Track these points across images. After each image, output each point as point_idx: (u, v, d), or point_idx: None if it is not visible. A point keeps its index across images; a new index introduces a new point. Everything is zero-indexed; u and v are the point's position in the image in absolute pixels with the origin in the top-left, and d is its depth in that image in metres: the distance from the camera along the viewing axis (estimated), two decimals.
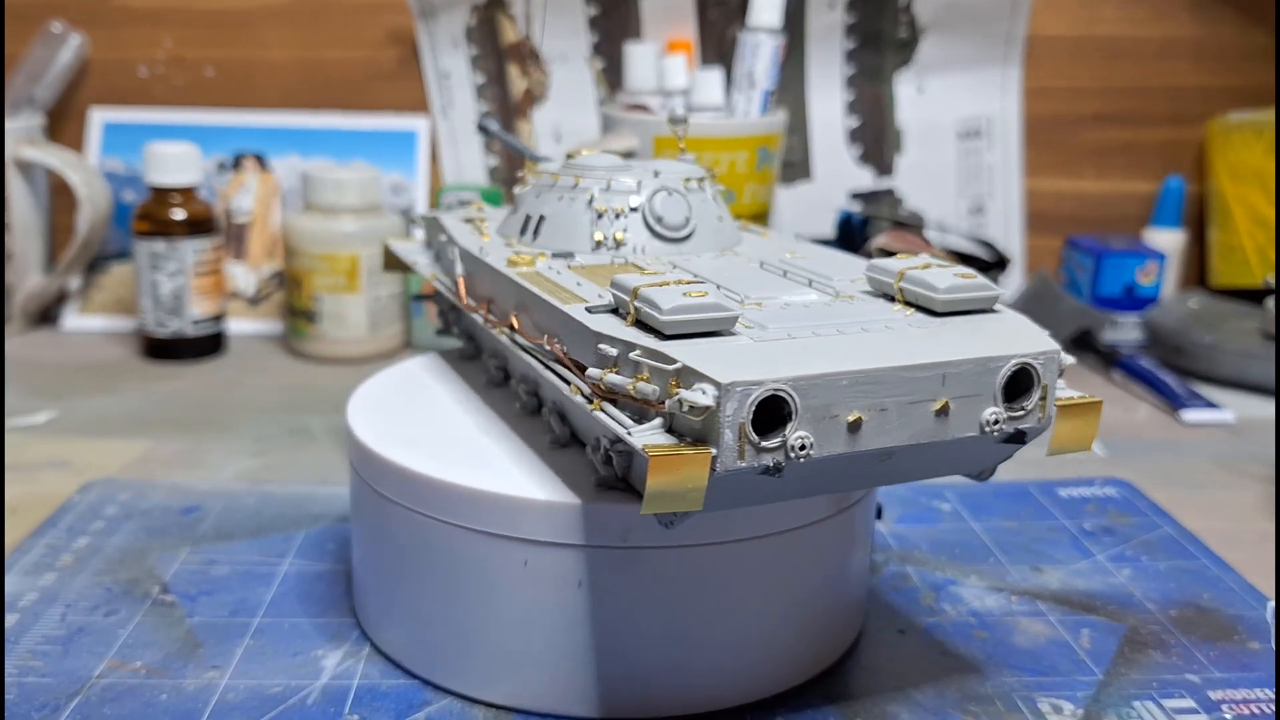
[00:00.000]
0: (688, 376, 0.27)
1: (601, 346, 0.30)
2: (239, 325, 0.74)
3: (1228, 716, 0.35)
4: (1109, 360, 0.71)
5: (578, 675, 0.33)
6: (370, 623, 0.38)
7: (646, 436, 0.27)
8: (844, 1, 0.79)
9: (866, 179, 0.83)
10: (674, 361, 0.27)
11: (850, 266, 0.37)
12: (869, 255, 0.72)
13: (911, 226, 0.74)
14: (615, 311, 0.31)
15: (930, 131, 0.82)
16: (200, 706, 0.34)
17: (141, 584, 0.41)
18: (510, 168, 0.82)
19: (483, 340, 0.44)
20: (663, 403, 0.27)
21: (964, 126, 0.82)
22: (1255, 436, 0.61)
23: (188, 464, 0.53)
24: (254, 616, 0.39)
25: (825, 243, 0.79)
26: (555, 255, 0.38)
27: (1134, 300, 0.78)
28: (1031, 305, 0.75)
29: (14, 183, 0.71)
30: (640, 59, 0.72)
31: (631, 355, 0.29)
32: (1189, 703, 0.36)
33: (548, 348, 0.33)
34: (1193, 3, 0.80)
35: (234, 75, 0.79)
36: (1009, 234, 0.83)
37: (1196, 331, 0.71)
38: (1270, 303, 0.70)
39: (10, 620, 0.38)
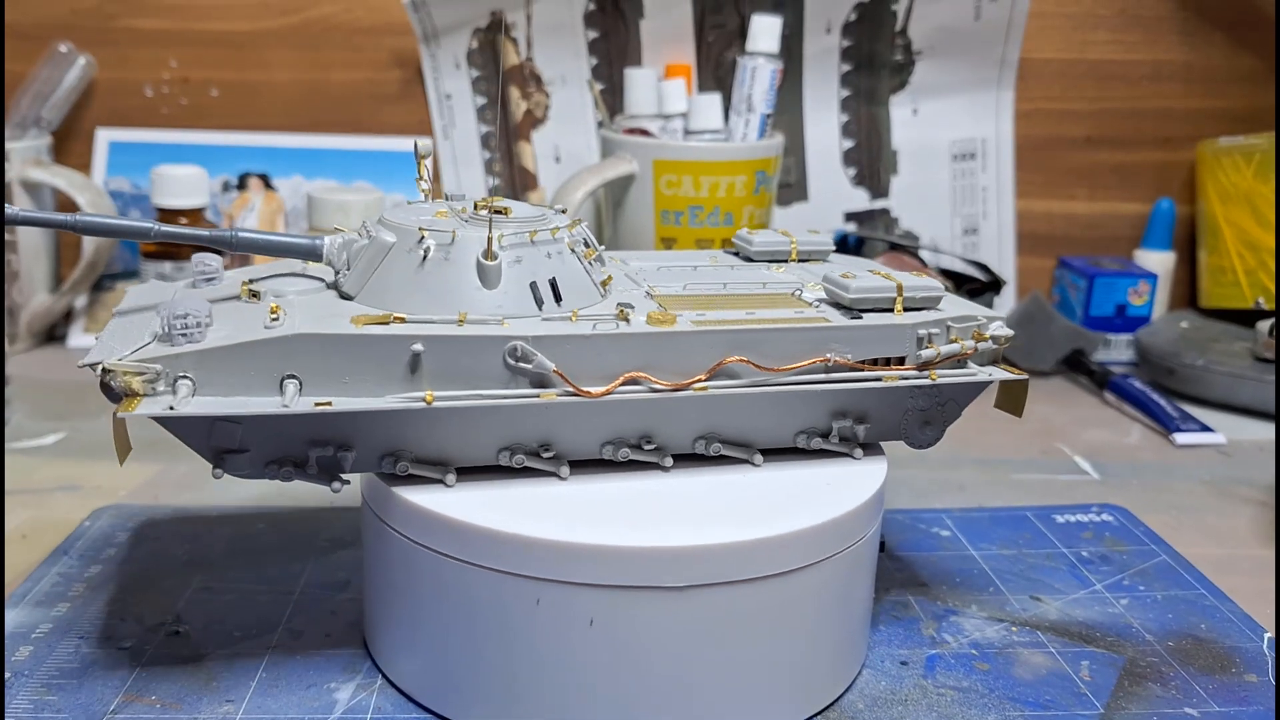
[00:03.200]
0: (987, 323, 0.39)
1: (920, 332, 0.38)
2: None
3: None
4: (1101, 382, 0.72)
5: (589, 711, 0.34)
6: (382, 655, 0.38)
7: (997, 372, 0.40)
8: (840, 26, 0.80)
9: (862, 199, 0.84)
10: (977, 318, 0.39)
11: (688, 256, 0.47)
12: None
13: (907, 249, 0.75)
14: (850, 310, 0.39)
15: (925, 153, 0.83)
16: None
17: (154, 614, 0.42)
18: (512, 188, 0.82)
19: (475, 445, 0.36)
20: (975, 347, 0.39)
21: (958, 148, 0.83)
22: (1246, 459, 0.62)
23: (197, 487, 0.54)
24: (266, 647, 0.40)
25: None
26: (620, 305, 0.37)
27: (1126, 320, 0.79)
28: (1025, 326, 0.76)
29: (20, 203, 0.72)
30: (640, 84, 0.73)
31: (950, 324, 0.39)
32: None
33: (832, 363, 0.37)
34: (1182, 27, 0.81)
35: (239, 96, 0.80)
36: (1002, 254, 0.84)
37: (1188, 354, 0.72)
38: (1261, 325, 0.71)
39: (24, 652, 0.39)
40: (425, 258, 0.35)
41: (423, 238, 0.35)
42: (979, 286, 0.76)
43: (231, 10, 0.78)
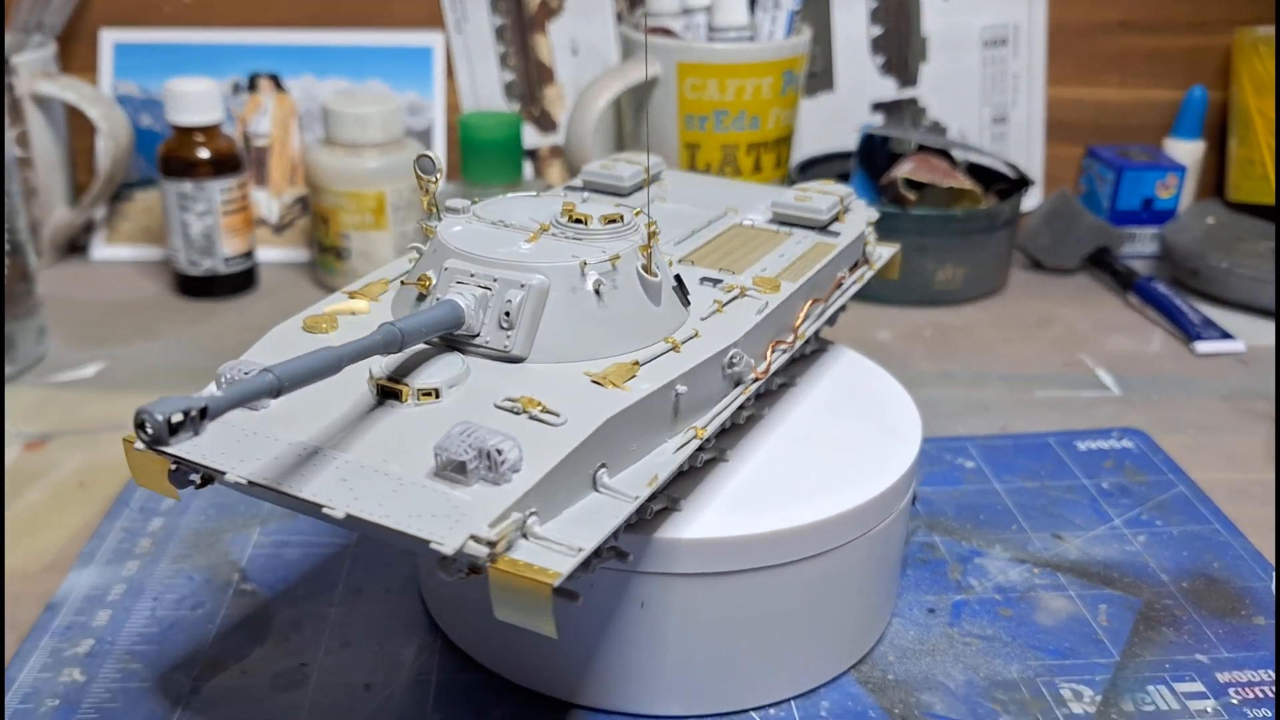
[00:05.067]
0: (871, 212, 0.47)
1: (867, 234, 0.46)
2: (265, 254, 0.75)
3: (1234, 700, 0.38)
4: (1126, 283, 0.73)
5: (637, 678, 0.36)
6: (444, 618, 0.41)
7: (888, 250, 0.48)
8: None
9: (890, 89, 0.82)
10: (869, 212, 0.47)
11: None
12: (893, 183, 0.72)
13: (937, 150, 0.74)
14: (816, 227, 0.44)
15: (955, 39, 0.80)
16: (299, 705, 0.37)
17: (221, 571, 0.44)
18: (528, 83, 0.80)
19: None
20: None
21: (989, 34, 0.80)
22: (1264, 368, 0.63)
23: None
24: (330, 605, 0.42)
25: (845, 157, 0.79)
26: (708, 280, 0.39)
27: (1152, 214, 0.79)
28: (1051, 222, 0.76)
29: (32, 118, 0.71)
30: None
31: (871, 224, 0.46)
32: (1198, 686, 0.39)
33: (843, 280, 0.43)
34: None
35: None
36: (1030, 143, 0.83)
37: (1212, 254, 0.72)
38: None
39: (103, 617, 0.41)
40: (599, 292, 0.33)
41: (584, 271, 0.33)
42: (1008, 186, 0.75)
43: None
